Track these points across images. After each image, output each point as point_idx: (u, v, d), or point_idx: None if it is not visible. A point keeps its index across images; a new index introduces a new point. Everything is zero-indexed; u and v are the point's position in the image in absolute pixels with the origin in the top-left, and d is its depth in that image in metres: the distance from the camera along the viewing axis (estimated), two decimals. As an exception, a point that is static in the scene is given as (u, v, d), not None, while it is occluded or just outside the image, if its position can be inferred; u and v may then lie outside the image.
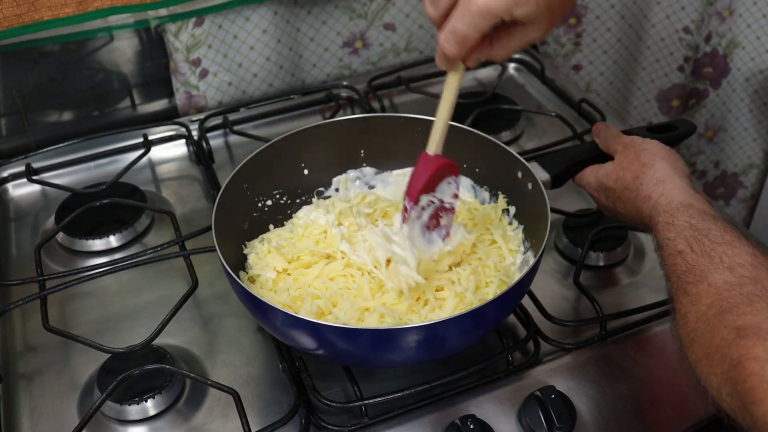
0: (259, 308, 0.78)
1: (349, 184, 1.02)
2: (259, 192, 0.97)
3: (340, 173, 1.03)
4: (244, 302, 0.81)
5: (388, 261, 0.84)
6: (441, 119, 0.77)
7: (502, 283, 0.85)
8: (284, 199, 1.00)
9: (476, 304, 0.80)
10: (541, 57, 1.42)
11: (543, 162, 0.91)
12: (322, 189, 1.02)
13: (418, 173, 0.80)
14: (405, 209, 0.81)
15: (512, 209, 0.95)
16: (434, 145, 0.79)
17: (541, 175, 0.90)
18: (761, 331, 0.56)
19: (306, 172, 1.01)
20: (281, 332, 0.80)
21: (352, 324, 0.80)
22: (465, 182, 1.00)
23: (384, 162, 1.03)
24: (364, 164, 1.03)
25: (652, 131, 0.93)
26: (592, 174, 0.89)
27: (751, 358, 0.55)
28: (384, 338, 0.74)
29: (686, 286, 0.66)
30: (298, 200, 1.01)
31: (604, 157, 0.90)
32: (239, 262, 0.91)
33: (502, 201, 0.96)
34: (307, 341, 0.77)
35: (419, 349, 0.75)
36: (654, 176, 0.80)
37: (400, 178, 1.02)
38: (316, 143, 0.99)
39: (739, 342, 0.57)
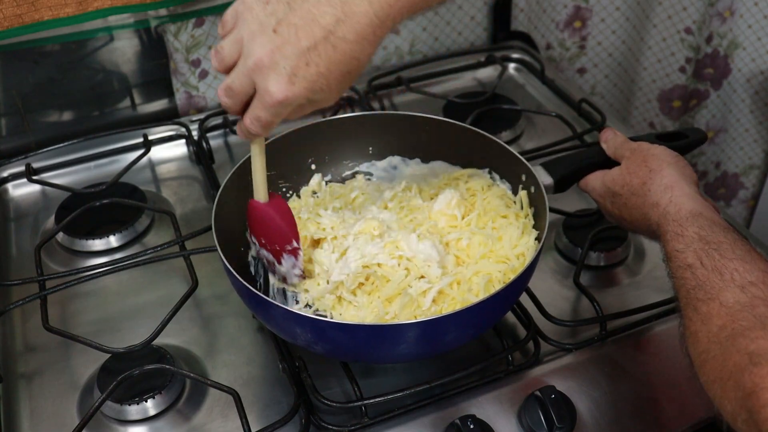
0: (259, 304, 0.78)
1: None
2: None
3: (347, 169, 1.03)
4: (243, 299, 0.81)
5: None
6: (261, 172, 0.79)
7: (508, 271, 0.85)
8: (290, 192, 1.00)
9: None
10: (545, 60, 1.42)
11: (547, 166, 0.91)
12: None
13: (262, 221, 0.82)
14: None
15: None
16: (263, 193, 0.81)
17: (544, 178, 0.89)
18: None
19: (313, 167, 1.02)
20: (281, 328, 0.80)
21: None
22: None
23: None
24: (372, 160, 1.03)
25: (662, 139, 0.91)
26: (597, 179, 0.88)
27: (765, 387, 0.54)
28: (381, 334, 0.74)
29: (696, 303, 0.65)
30: (300, 195, 1.01)
31: (609, 162, 0.89)
32: (239, 260, 0.91)
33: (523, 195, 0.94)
34: (306, 336, 0.77)
35: (417, 345, 0.76)
36: (662, 182, 0.79)
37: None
38: (324, 138, 1.00)
39: (752, 369, 0.55)
